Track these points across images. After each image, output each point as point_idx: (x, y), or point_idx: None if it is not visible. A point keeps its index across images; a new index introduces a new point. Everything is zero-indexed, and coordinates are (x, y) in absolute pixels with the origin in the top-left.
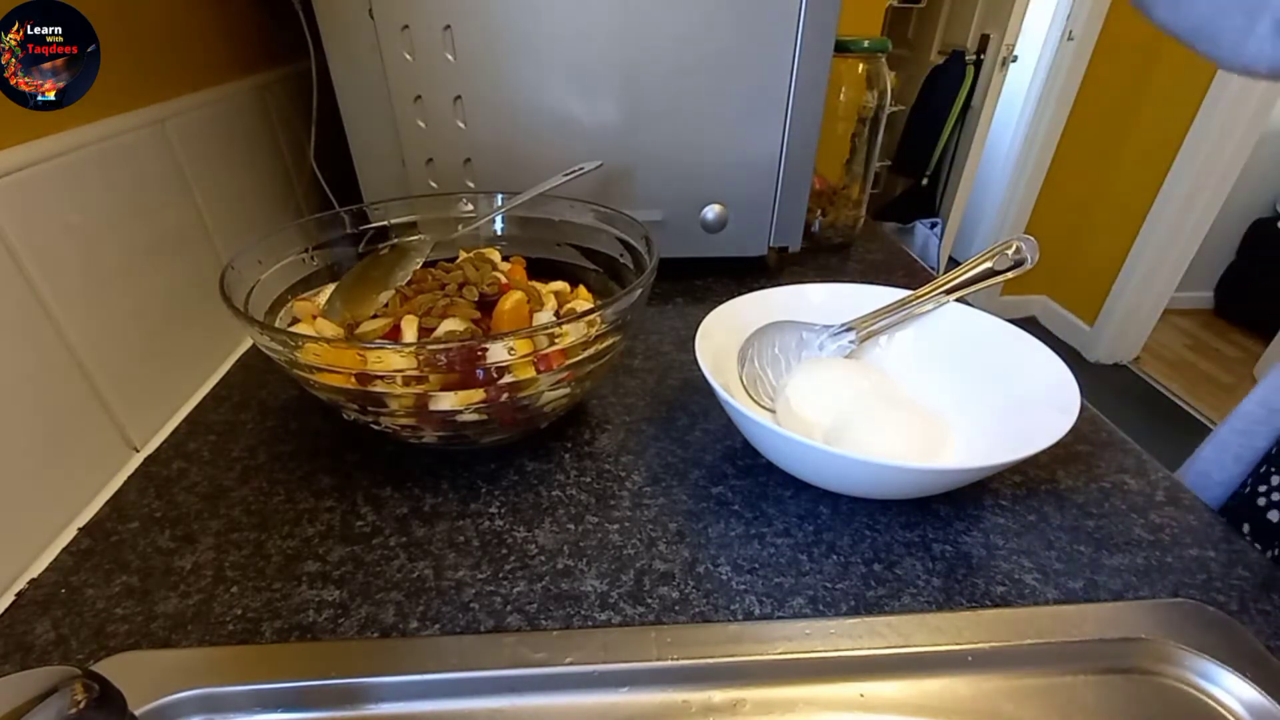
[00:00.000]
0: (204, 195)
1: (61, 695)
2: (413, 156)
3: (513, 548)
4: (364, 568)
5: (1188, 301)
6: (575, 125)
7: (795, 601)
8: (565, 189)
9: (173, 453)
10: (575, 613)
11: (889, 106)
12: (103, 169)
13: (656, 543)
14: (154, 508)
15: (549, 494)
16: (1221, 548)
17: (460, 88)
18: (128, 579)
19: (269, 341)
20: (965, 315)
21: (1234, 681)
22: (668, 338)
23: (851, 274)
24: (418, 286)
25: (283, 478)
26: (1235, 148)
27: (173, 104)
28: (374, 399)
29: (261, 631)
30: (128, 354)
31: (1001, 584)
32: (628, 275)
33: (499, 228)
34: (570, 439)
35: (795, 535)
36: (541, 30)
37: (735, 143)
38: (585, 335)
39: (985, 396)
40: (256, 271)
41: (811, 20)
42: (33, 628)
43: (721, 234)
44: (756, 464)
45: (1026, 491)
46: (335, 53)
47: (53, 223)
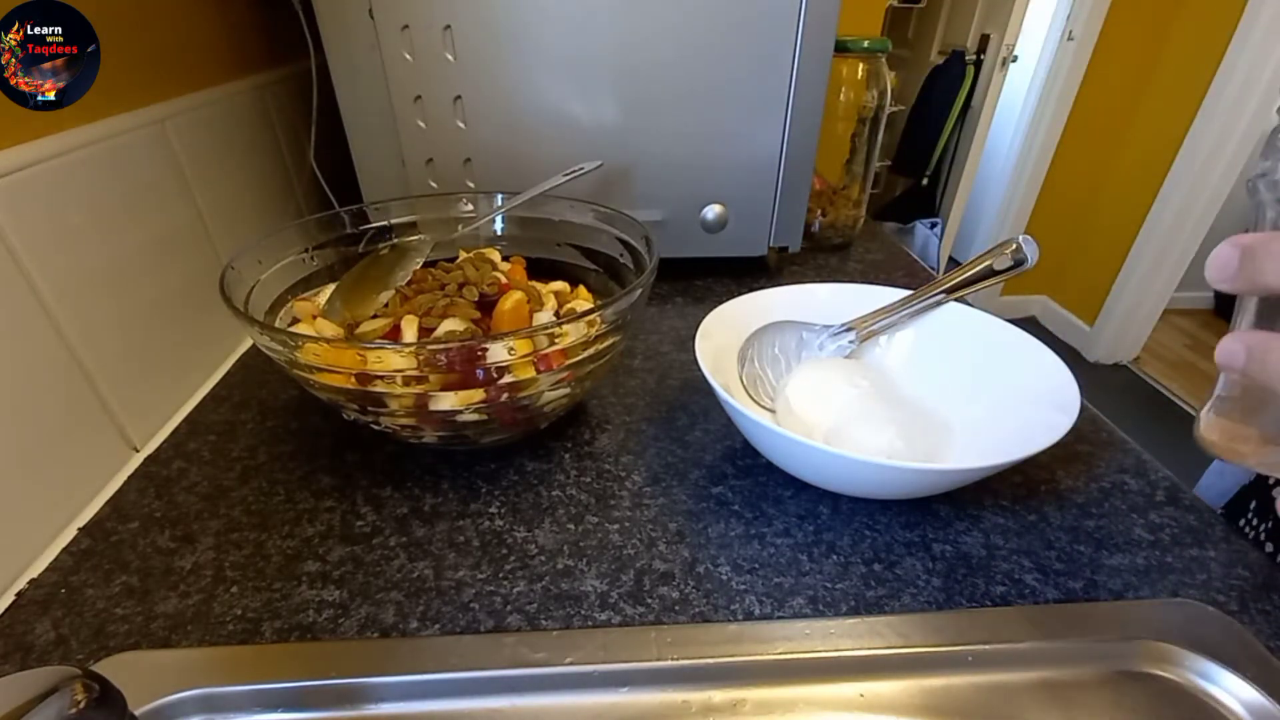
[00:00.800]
0: (204, 195)
1: (61, 695)
2: (413, 156)
3: (513, 548)
4: (364, 568)
5: (1188, 301)
6: (575, 125)
7: (795, 601)
8: (565, 189)
9: (173, 453)
10: (575, 613)
11: (889, 106)
12: (103, 169)
13: (656, 543)
14: (154, 508)
15: (549, 494)
16: (1221, 548)
17: (460, 88)
18: (128, 579)
19: (269, 341)
20: (965, 315)
21: (1234, 681)
22: (668, 338)
23: (851, 274)
24: (418, 286)
25: (283, 478)
26: (1235, 148)
27: (173, 104)
28: (374, 399)
29: (261, 631)
30: (128, 354)
31: (1001, 584)
32: (628, 275)
33: (499, 228)
34: (570, 439)
35: (795, 535)
36: (542, 30)
37: (735, 143)
38: (585, 335)
39: (985, 396)
40: (256, 271)
41: (811, 20)
42: (33, 628)
43: (721, 234)
44: (756, 464)
45: (1026, 491)
46: (335, 53)
47: (53, 223)
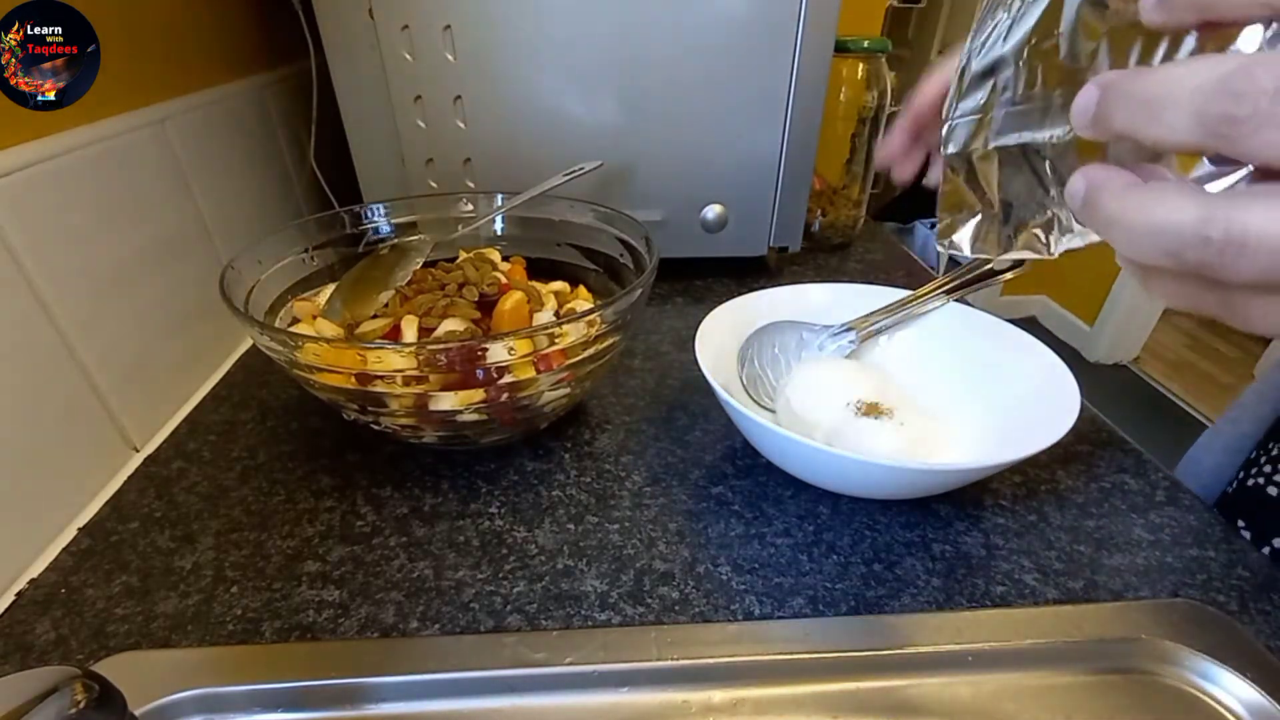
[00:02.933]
0: (204, 195)
1: (61, 695)
2: (413, 156)
3: (513, 548)
4: (364, 568)
5: None
6: (575, 125)
7: (795, 601)
8: (565, 189)
9: (173, 453)
10: (575, 613)
11: (889, 106)
12: (103, 169)
13: (656, 543)
14: (154, 508)
15: (549, 494)
16: (1221, 548)
17: (460, 88)
18: (128, 579)
19: (269, 341)
20: (965, 315)
21: (1234, 681)
22: (668, 338)
23: (851, 274)
24: (418, 286)
25: (283, 478)
26: None
27: (173, 104)
28: (374, 399)
29: (261, 631)
30: (128, 354)
31: (1001, 584)
32: (628, 275)
33: (499, 228)
34: (570, 439)
35: (795, 535)
36: (542, 30)
37: (735, 143)
38: (585, 335)
39: (985, 396)
40: (256, 271)
41: (811, 20)
42: (33, 628)
43: (721, 234)
44: (756, 464)
45: (1026, 491)
46: (335, 53)
47: (53, 223)
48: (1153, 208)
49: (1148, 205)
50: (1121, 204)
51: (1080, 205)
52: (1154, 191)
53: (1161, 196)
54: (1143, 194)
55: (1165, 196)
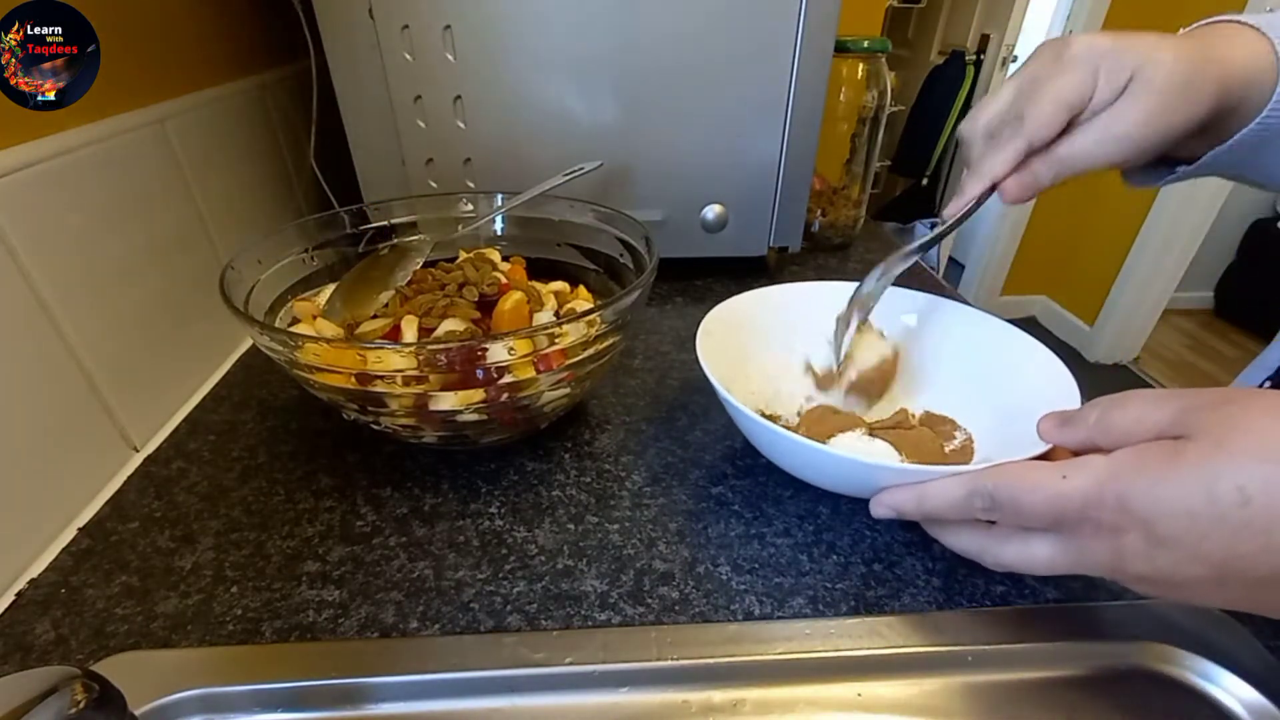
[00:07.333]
0: (204, 195)
1: (61, 695)
2: (413, 156)
3: (513, 548)
4: (364, 568)
5: (1188, 302)
6: (575, 125)
7: (795, 601)
8: (565, 189)
9: (173, 453)
10: (575, 613)
11: (889, 106)
12: (103, 169)
13: (656, 543)
14: (154, 508)
15: (549, 494)
16: None
17: (460, 88)
18: (128, 579)
19: (269, 341)
20: (965, 316)
21: (1234, 681)
22: (668, 338)
23: (851, 274)
24: (418, 286)
25: (283, 478)
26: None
27: (173, 104)
28: (374, 399)
29: (261, 631)
30: (128, 354)
31: (1001, 584)
32: (628, 275)
33: (499, 228)
34: (570, 439)
35: (795, 535)
36: (541, 30)
37: (735, 143)
38: (585, 335)
39: (986, 397)
40: (256, 271)
41: (811, 20)
42: (33, 628)
43: (721, 234)
44: (756, 464)
45: None
46: (335, 53)
47: (53, 223)
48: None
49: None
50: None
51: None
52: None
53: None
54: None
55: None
